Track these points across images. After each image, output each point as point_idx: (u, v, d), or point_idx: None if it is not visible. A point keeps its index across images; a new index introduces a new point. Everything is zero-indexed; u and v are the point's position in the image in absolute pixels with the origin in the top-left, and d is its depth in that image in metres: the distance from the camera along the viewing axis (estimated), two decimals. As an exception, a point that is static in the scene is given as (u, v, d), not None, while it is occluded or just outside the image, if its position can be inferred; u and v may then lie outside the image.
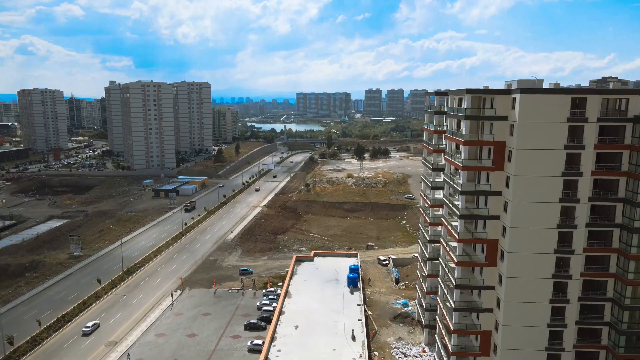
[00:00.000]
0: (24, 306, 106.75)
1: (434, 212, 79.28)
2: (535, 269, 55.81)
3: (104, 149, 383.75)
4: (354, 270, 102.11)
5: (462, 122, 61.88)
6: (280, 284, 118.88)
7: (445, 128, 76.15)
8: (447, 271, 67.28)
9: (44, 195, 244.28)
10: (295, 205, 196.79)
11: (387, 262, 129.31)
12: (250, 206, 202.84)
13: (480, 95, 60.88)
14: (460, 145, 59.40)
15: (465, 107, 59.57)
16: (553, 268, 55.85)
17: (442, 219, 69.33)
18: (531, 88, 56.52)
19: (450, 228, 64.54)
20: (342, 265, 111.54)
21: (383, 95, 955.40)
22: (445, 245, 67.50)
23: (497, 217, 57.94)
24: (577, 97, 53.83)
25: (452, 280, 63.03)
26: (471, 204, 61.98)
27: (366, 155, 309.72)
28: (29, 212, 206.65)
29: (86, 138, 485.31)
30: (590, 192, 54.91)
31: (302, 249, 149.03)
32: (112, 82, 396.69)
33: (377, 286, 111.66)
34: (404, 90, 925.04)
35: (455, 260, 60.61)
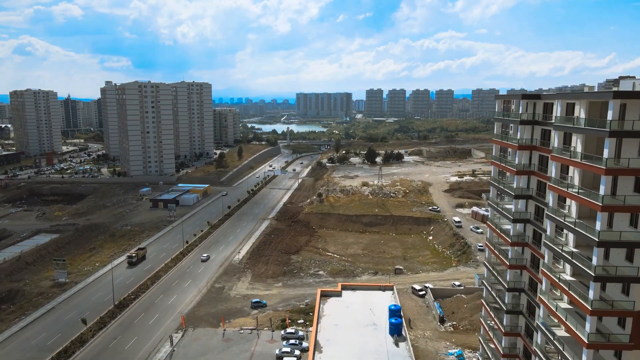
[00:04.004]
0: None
1: (516, 252, 60.79)
2: None
3: (100, 153, 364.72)
4: (395, 312, 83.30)
5: (604, 140, 42.36)
6: (301, 320, 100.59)
7: (516, 139, 58.15)
8: (554, 346, 48.67)
9: (32, 206, 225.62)
10: (307, 218, 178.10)
11: (423, 292, 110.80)
12: (258, 219, 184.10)
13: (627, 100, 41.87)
14: (602, 176, 40.59)
15: (609, 117, 40.70)
16: None
17: (545, 271, 50.42)
18: None
19: (566, 288, 45.88)
20: (376, 302, 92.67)
21: (384, 96, 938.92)
22: (552, 308, 48.86)
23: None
24: None
25: None
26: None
27: (378, 159, 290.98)
28: (15, 225, 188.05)
29: (82, 141, 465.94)
30: None
31: (321, 272, 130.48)
32: (108, 83, 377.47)
33: (419, 327, 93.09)
34: (405, 91, 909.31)
35: (587, 342, 41.73)
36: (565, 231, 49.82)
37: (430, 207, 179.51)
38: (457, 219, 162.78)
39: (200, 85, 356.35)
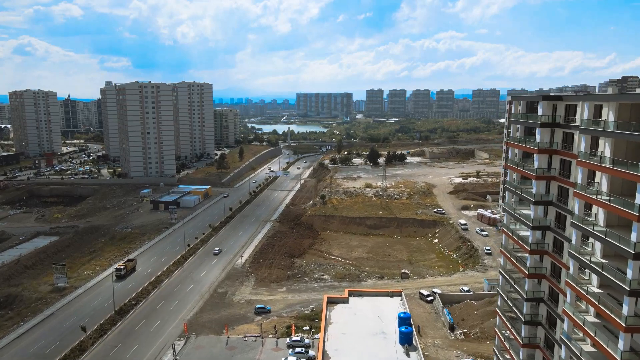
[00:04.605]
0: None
1: (535, 260, 58.18)
2: None
3: (100, 154, 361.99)
4: (405, 321, 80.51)
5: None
6: (306, 327, 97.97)
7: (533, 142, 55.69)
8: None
9: (32, 207, 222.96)
10: (310, 220, 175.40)
11: (431, 297, 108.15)
12: (260, 221, 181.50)
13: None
14: (639, 184, 37.88)
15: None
16: None
17: (570, 282, 47.67)
18: None
19: (595, 302, 43.26)
20: (385, 309, 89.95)
21: (384, 96, 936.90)
22: (578, 322, 46.26)
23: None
24: None
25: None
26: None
27: (380, 160, 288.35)
28: (14, 228, 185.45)
29: (81, 141, 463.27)
30: None
31: (325, 276, 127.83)
32: (108, 83, 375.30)
33: (428, 335, 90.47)
34: (406, 91, 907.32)
35: None
36: (590, 240, 47.23)
37: (435, 210, 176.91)
38: (463, 221, 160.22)
39: (201, 85, 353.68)
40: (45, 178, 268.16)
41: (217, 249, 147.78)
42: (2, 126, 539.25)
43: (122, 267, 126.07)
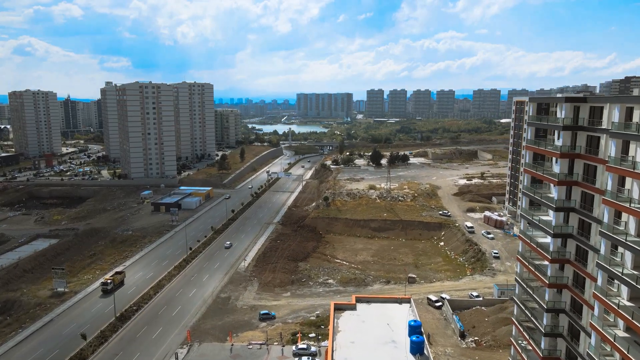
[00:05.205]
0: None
1: (556, 269, 55.66)
2: None
3: (100, 154, 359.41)
4: (416, 329, 77.79)
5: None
6: (312, 334, 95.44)
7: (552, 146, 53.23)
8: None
9: (31, 209, 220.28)
10: (314, 223, 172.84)
11: (439, 303, 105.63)
12: (263, 223, 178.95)
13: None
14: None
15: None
16: None
17: (598, 294, 45.10)
18: None
19: (629, 317, 40.74)
20: (394, 316, 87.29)
21: (385, 96, 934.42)
22: (608, 337, 43.75)
23: None
24: None
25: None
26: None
27: (383, 161, 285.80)
28: (13, 230, 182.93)
29: (81, 142, 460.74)
30: None
31: (330, 281, 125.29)
32: (108, 83, 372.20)
33: (439, 343, 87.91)
34: (406, 91, 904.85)
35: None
36: (619, 250, 44.76)
37: (440, 212, 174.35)
38: (469, 224, 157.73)
39: (202, 85, 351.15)
40: (44, 179, 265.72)
41: (227, 242, 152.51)
42: (2, 127, 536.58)
43: (108, 281, 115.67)
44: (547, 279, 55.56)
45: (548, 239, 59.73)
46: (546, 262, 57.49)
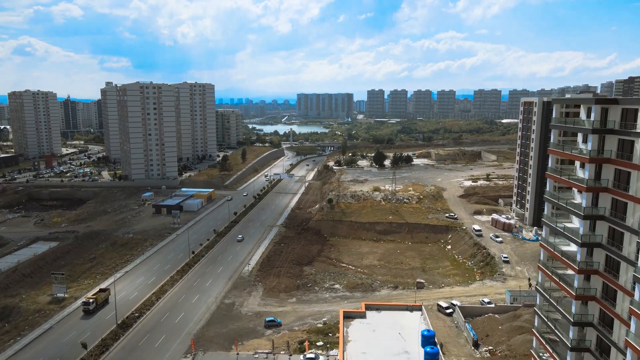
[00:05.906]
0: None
1: (583, 280, 52.77)
2: None
3: (100, 155, 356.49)
4: (429, 339, 74.74)
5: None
6: (320, 343, 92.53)
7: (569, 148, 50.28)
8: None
9: (30, 211, 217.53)
10: (318, 225, 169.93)
11: (450, 310, 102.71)
12: (266, 226, 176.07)
13: None
14: None
15: None
16: None
17: (635, 310, 42.19)
18: None
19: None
20: (405, 324, 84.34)
21: (385, 96, 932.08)
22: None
23: None
24: None
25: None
26: None
27: (386, 162, 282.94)
28: (12, 233, 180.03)
29: (82, 142, 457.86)
30: None
31: (337, 286, 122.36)
32: (108, 84, 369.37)
33: (452, 353, 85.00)
34: (407, 91, 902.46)
35: None
36: (658, 262, 41.84)
37: (446, 214, 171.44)
38: (476, 227, 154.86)
39: (202, 86, 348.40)
40: (44, 180, 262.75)
41: (240, 236, 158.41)
42: (1, 127, 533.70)
43: (91, 300, 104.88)
44: (574, 291, 52.71)
45: (571, 247, 57.01)
46: (571, 272, 54.62)
